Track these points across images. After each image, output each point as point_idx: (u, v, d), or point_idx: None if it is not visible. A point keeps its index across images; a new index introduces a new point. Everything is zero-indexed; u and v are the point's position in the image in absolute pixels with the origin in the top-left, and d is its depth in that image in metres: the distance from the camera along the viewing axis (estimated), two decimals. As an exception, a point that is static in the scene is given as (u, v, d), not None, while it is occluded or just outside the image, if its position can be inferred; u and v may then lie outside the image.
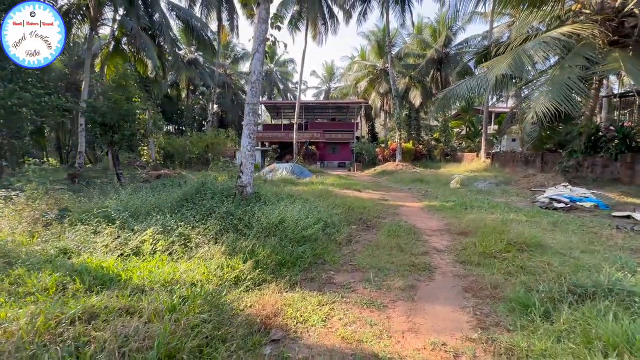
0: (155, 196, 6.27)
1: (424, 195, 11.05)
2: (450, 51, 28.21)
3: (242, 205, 5.42)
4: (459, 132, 32.61)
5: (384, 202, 9.33)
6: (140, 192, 6.96)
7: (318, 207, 7.07)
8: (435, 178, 15.23)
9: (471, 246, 4.78)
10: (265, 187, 9.92)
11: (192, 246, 4.15)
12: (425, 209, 8.43)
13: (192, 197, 5.76)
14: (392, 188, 13.09)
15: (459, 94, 13.07)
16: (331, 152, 32.66)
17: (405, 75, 30.15)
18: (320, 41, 25.79)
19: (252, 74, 5.71)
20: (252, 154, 5.84)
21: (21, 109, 9.21)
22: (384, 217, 7.25)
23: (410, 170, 19.68)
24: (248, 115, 5.73)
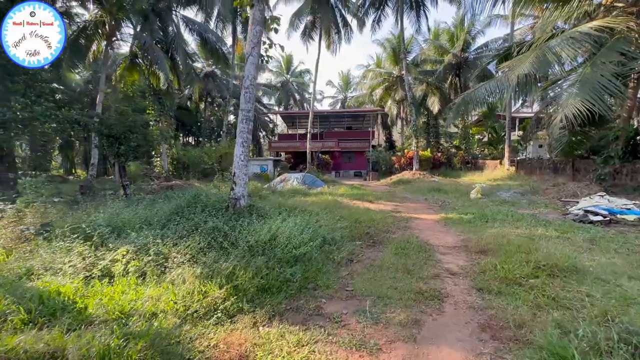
0: (148, 209, 5.97)
1: (441, 206, 10.26)
2: (469, 56, 27.26)
3: (233, 219, 4.98)
4: (481, 138, 31.26)
5: (396, 214, 8.66)
6: (137, 205, 6.71)
7: (321, 220, 6.56)
8: (455, 187, 14.33)
9: (491, 269, 4.08)
10: (270, 198, 9.52)
11: (170, 266, 3.73)
12: (440, 222, 7.70)
13: (183, 211, 5.40)
14: (407, 198, 12.35)
15: (478, 98, 12.27)
16: (347, 161, 32.07)
17: (423, 82, 29.37)
18: (334, 50, 25.60)
19: (246, 78, 5.36)
20: (246, 164, 5.44)
21: (33, 122, 9.36)
22: (393, 232, 6.60)
23: (428, 179, 18.77)
24: (242, 122, 5.35)
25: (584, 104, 7.39)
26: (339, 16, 24.36)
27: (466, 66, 26.90)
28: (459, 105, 13.44)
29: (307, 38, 25.02)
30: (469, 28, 26.23)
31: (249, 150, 5.65)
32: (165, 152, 17.24)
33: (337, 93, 53.51)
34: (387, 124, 35.26)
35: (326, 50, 25.93)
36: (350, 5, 23.80)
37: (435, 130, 30.81)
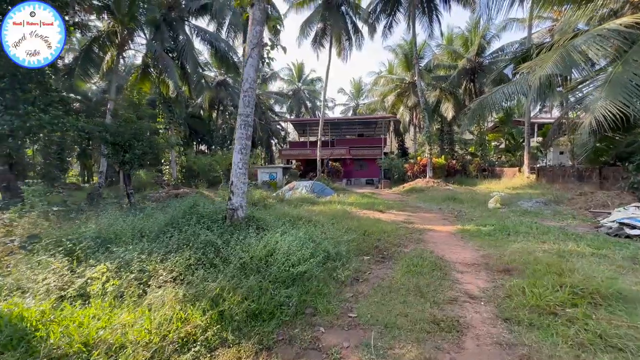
0: (144, 220, 5.67)
1: (457, 216, 9.63)
2: (484, 60, 26.52)
3: (228, 232, 4.61)
4: (497, 145, 30.20)
5: (408, 225, 8.11)
6: (137, 214, 6.45)
7: (327, 232, 6.12)
8: (471, 196, 13.61)
9: (518, 293, 3.54)
10: (276, 207, 9.15)
11: (153, 285, 3.36)
12: (457, 235, 7.11)
13: (178, 222, 5.06)
14: (420, 208, 11.74)
15: (495, 102, 11.64)
16: (358, 168, 31.55)
17: (436, 88, 28.77)
18: (345, 57, 25.37)
19: (245, 81, 5.04)
20: (244, 172, 5.07)
21: (41, 131, 9.36)
22: (405, 245, 6.08)
23: (443, 187, 18.04)
24: (240, 128, 5.02)
25: (616, 107, 6.74)
26: (349, 23, 24.19)
27: (481, 71, 26.16)
28: (475, 110, 12.82)
29: (317, 45, 24.91)
30: (484, 32, 25.57)
31: (249, 158, 5.30)
32: (174, 160, 17.26)
33: (348, 100, 53.41)
34: (400, 130, 34.61)
35: (337, 57, 25.75)
36: (361, 11, 23.60)
37: (449, 137, 30.00)
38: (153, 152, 9.79)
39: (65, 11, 10.95)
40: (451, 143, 30.13)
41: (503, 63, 17.40)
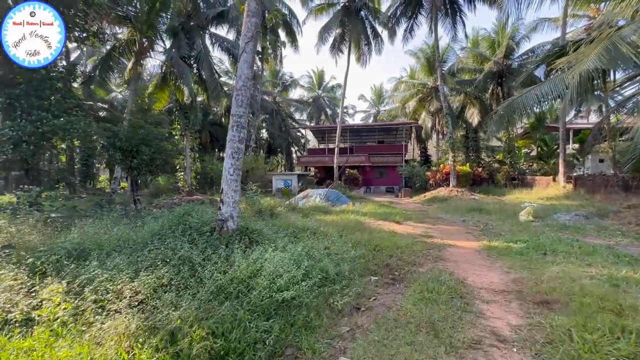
0: (135, 228, 5.29)
1: (483, 230, 8.65)
2: (512, 63, 25.06)
3: (213, 246, 4.09)
4: (528, 152, 28.30)
5: (427, 239, 7.29)
6: (134, 222, 6.12)
7: (332, 246, 5.48)
8: (499, 207, 12.44)
9: (563, 338, 2.73)
10: (283, 217, 8.61)
11: (111, 310, 2.87)
12: (482, 252, 6.22)
13: (164, 232, 4.62)
14: (441, 219, 10.80)
15: (526, 104, 10.59)
16: (378, 176, 30.61)
17: (460, 92, 27.50)
18: (364, 62, 24.83)
19: (238, 79, 4.58)
20: (236, 179, 4.57)
21: (54, 136, 9.43)
22: (420, 264, 5.31)
23: (467, 197, 16.83)
24: (232, 129, 4.55)
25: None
26: (368, 27, 23.70)
27: (509, 74, 24.68)
28: (503, 114, 11.79)
29: (336, 51, 24.57)
30: (513, 33, 24.18)
31: (242, 163, 4.79)
32: (189, 167, 17.29)
33: (369, 107, 52.70)
34: (422, 137, 33.39)
35: (356, 62, 25.26)
36: (381, 15, 23.03)
37: (475, 144, 28.48)
38: (162, 158, 9.59)
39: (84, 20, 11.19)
40: (477, 150, 28.58)
41: (534, 63, 16.11)
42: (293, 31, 24.46)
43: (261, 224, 6.20)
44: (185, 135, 16.80)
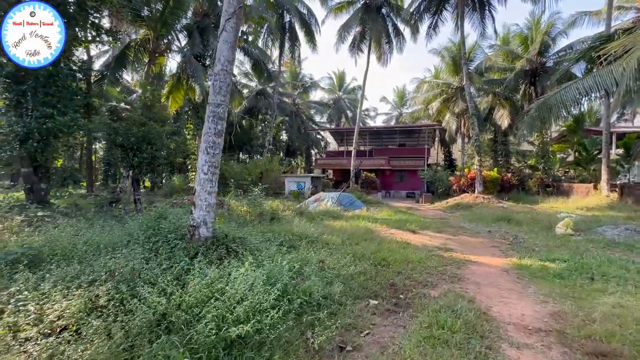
0: (108, 232, 4.77)
1: (512, 244, 7.53)
2: (547, 61, 23.19)
3: (177, 257, 3.44)
4: (564, 157, 26.05)
5: (444, 253, 6.33)
6: (120, 223, 5.65)
7: (328, 259, 4.71)
8: (531, 217, 11.10)
9: None
10: (284, 222, 7.92)
11: (22, 337, 2.27)
12: (511, 272, 5.20)
13: (132, 238, 4.04)
14: (463, 229, 9.69)
15: (565, 101, 9.34)
16: (398, 180, 29.35)
17: (488, 93, 25.89)
18: (385, 61, 23.85)
19: (217, 61, 3.95)
20: (211, 178, 3.92)
21: (58, 133, 9.31)
22: (433, 285, 4.42)
23: (494, 204, 15.41)
24: (208, 120, 3.91)
25: None
26: (390, 25, 22.76)
27: (543, 73, 22.83)
28: (536, 115, 10.51)
29: (355, 50, 23.76)
30: (548, 28, 22.36)
31: (220, 159, 4.13)
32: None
33: (391, 109, 51.35)
34: (446, 140, 31.80)
35: (377, 62, 24.38)
36: (402, 12, 22.00)
37: (504, 148, 26.64)
38: (164, 157, 9.22)
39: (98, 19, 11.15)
40: (506, 154, 26.73)
41: (574, 58, 14.47)
42: (311, 31, 23.95)
43: (251, 230, 5.54)
44: (197, 135, 16.62)
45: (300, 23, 23.61)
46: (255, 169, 21.42)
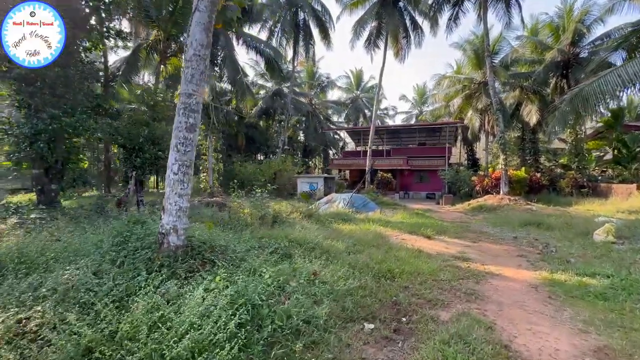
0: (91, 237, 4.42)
1: (542, 253, 6.62)
2: (580, 51, 21.40)
3: (137, 270, 2.98)
4: (601, 156, 24.04)
5: (461, 263, 5.58)
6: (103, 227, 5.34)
7: (322, 272, 4.15)
8: (564, 221, 9.97)
9: None
10: (287, 225, 7.42)
11: None
12: (541, 290, 4.40)
13: (96, 248, 3.65)
14: (485, 234, 8.79)
15: (605, 92, 8.26)
16: (418, 181, 28.19)
17: (514, 87, 24.30)
18: (403, 57, 22.93)
19: (189, 46, 3.49)
20: (182, 178, 3.46)
21: (64, 134, 9.30)
22: (445, 305, 3.74)
23: (522, 206, 14.20)
24: (179, 113, 3.46)
25: None
26: (407, 18, 21.82)
27: (577, 64, 21.07)
28: (569, 108, 9.43)
29: (371, 46, 22.97)
30: (582, 16, 20.58)
31: (193, 158, 3.65)
32: (211, 168, 16.96)
33: (411, 108, 49.99)
34: (468, 138, 30.25)
35: (394, 58, 23.50)
36: (420, 4, 21.01)
37: (532, 146, 24.96)
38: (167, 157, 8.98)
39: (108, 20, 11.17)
40: (535, 153, 25.03)
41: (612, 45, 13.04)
42: (326, 28, 23.46)
43: (245, 235, 5.06)
44: (208, 135, 16.53)
45: (315, 20, 23.16)
46: (268, 170, 21.15)
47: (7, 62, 8.90)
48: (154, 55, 13.99)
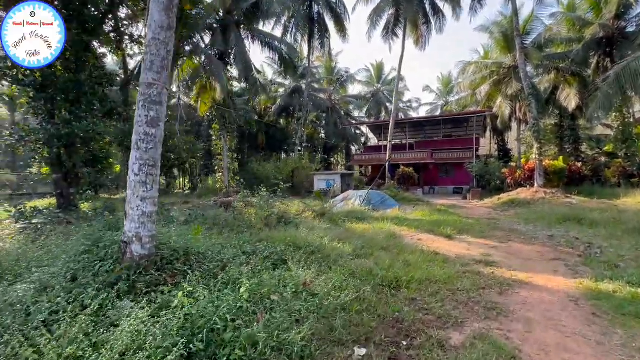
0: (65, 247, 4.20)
1: (584, 255, 5.68)
2: (627, 25, 19.15)
3: (82, 285, 2.63)
4: (654, 141, 21.46)
5: (484, 269, 4.83)
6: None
7: (315, 282, 3.66)
8: (611, 216, 8.73)
9: None
10: (293, 226, 6.97)
11: None
12: (582, 304, 3.62)
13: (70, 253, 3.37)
14: (516, 233, 7.83)
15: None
16: (443, 175, 26.77)
17: (550, 70, 22.26)
18: (423, 44, 21.77)
19: (148, 29, 3.08)
20: (144, 180, 3.07)
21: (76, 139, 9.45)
22: (458, 324, 3.10)
23: (560, 200, 12.81)
24: (139, 106, 3.06)
25: None
26: (427, 2, 20.59)
27: (623, 39, 18.87)
28: (613, 89, 8.18)
29: (389, 35, 21.94)
30: (628, -15, 18.37)
31: (157, 156, 3.23)
32: (226, 167, 16.89)
33: (436, 99, 47.87)
34: (498, 128, 28.29)
35: (414, 46, 22.35)
36: (441, -14, 19.74)
37: (572, 134, 22.84)
38: (175, 158, 8.86)
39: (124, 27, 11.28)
40: (575, 141, 22.90)
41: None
42: (341, 20, 22.73)
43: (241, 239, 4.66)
44: (222, 135, 16.45)
45: (330, 12, 22.51)
46: (285, 168, 20.88)
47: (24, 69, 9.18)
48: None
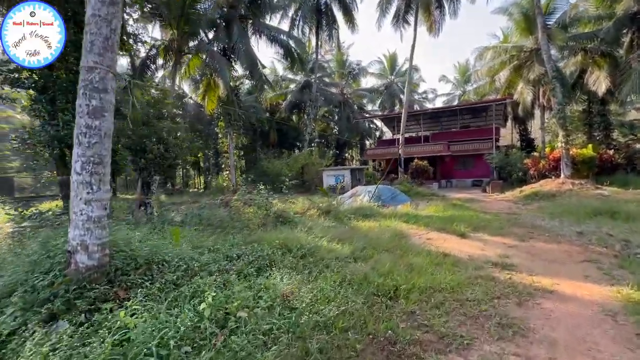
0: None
1: (620, 255, 4.91)
2: (665, -3, 17.34)
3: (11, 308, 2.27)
4: (697, 125, 19.62)
5: (500, 273, 4.20)
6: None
7: (300, 291, 3.20)
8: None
9: None
10: (289, 225, 6.53)
11: None
12: (621, 318, 2.96)
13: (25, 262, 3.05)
14: (539, 229, 7.05)
15: None
16: (461, 167, 25.60)
17: (576, 51, 20.65)
18: (437, 30, 20.69)
19: (87, 5, 2.68)
20: (88, 180, 2.67)
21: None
22: (463, 347, 2.55)
23: (590, 191, 11.73)
24: (79, 94, 2.68)
25: None
26: (440, -16, 19.49)
27: (660, 13, 17.14)
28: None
29: (400, 23, 21.02)
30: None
31: (106, 151, 2.84)
32: (233, 165, 16.64)
33: (453, 89, 46.12)
34: (519, 116, 26.71)
35: (428, 33, 21.29)
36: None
37: (602, 120, 21.19)
38: (172, 157, 8.61)
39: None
40: (606, 127, 21.24)
41: None
42: (349, 9, 21.97)
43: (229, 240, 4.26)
44: (229, 132, 16.21)
45: (337, 2, 21.79)
46: (295, 165, 20.49)
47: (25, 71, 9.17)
48: (171, 54, 13.92)
